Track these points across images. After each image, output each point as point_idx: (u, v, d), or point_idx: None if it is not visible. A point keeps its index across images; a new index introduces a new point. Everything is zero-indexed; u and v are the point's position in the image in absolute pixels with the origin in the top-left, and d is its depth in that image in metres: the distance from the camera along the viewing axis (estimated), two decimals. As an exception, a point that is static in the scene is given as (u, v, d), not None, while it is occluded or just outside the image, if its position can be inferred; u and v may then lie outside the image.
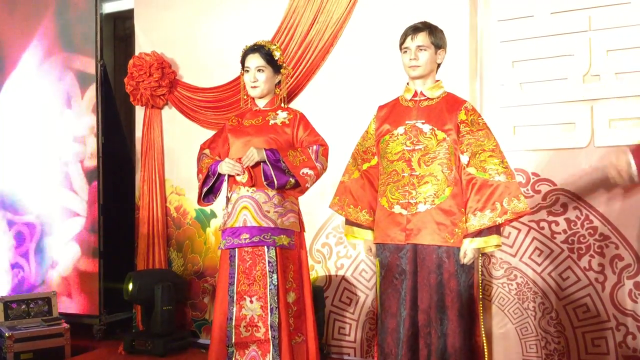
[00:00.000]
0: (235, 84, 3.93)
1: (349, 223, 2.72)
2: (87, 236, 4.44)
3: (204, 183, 2.79)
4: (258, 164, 2.66)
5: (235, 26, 4.06)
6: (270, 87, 2.81)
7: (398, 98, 2.64)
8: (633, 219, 3.10)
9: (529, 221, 3.29)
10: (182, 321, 4.18)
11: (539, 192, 3.29)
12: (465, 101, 2.53)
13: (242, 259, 2.69)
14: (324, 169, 2.75)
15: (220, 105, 4.06)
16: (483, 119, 2.52)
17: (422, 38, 2.48)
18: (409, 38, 2.50)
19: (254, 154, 2.63)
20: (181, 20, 4.27)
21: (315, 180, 2.73)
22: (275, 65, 2.79)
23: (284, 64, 2.87)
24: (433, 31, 2.50)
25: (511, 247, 3.34)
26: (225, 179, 2.78)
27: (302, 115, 2.83)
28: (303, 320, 2.76)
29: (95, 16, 4.43)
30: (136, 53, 4.32)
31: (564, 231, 3.24)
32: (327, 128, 3.14)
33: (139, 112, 4.39)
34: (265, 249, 2.66)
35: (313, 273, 3.77)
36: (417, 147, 2.47)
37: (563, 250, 3.24)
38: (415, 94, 2.56)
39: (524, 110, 3.35)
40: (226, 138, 2.85)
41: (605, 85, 3.18)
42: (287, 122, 2.78)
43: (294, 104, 3.74)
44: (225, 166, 2.70)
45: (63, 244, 4.53)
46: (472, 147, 2.44)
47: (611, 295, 3.14)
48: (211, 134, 3.12)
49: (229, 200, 2.76)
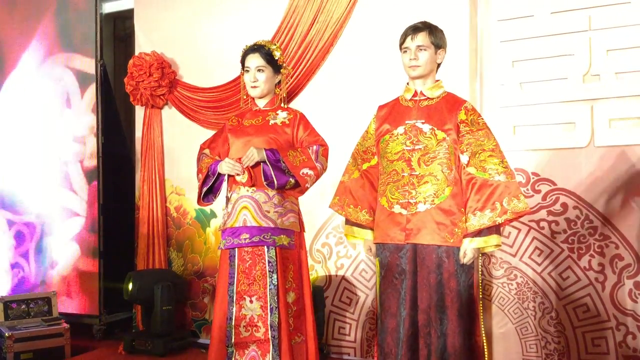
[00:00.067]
0: (235, 84, 3.93)
1: (349, 223, 2.72)
2: (87, 236, 4.43)
3: (204, 183, 2.79)
4: (258, 164, 2.66)
5: (235, 26, 4.06)
6: (270, 87, 2.81)
7: (398, 98, 2.64)
8: (633, 219, 3.11)
9: (529, 221, 3.29)
10: (182, 321, 4.18)
11: (539, 192, 3.29)
12: (465, 101, 2.53)
13: (242, 258, 2.68)
14: (324, 169, 2.74)
15: (220, 105, 4.06)
16: (483, 118, 2.52)
17: (422, 38, 2.48)
18: (408, 38, 2.50)
19: (254, 154, 2.63)
20: (181, 20, 4.27)
21: (315, 181, 2.73)
22: (275, 65, 2.79)
23: (284, 64, 2.87)
24: (433, 31, 2.50)
25: (511, 247, 3.34)
26: (225, 178, 2.78)
27: (302, 115, 2.83)
28: (303, 320, 2.76)
29: (95, 16, 4.43)
30: (136, 53, 4.32)
31: (564, 231, 3.24)
32: (327, 128, 3.14)
33: (139, 112, 4.39)
34: (265, 248, 2.66)
35: (313, 273, 3.77)
36: (417, 147, 2.47)
37: (563, 250, 3.24)
38: (415, 94, 2.56)
39: (524, 110, 3.35)
40: (226, 138, 2.85)
41: (605, 85, 3.18)
42: (287, 122, 2.78)
43: (294, 104, 3.74)
44: (225, 166, 2.70)
45: (63, 244, 4.53)
46: (472, 147, 2.44)
47: (611, 295, 3.14)
48: (211, 134, 3.11)
49: (228, 200, 2.76)
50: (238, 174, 2.69)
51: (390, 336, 2.49)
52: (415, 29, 2.50)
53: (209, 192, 2.83)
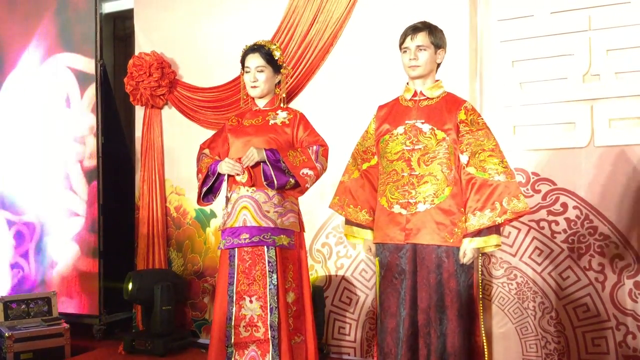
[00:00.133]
0: (235, 84, 3.93)
1: (348, 223, 2.72)
2: (87, 236, 4.43)
3: (204, 183, 2.79)
4: (258, 164, 2.66)
5: (235, 26, 4.06)
6: (270, 87, 2.81)
7: (398, 98, 2.64)
8: (633, 219, 3.11)
9: (529, 221, 3.29)
10: (182, 321, 4.18)
11: (539, 192, 3.29)
12: (464, 101, 2.53)
13: (242, 258, 2.68)
14: (323, 169, 2.74)
15: (220, 105, 4.06)
16: (483, 118, 2.52)
17: (422, 38, 2.48)
18: (408, 38, 2.50)
19: (254, 154, 2.63)
20: (181, 20, 4.27)
21: (315, 181, 2.73)
22: (275, 65, 2.79)
23: (284, 64, 2.87)
24: (433, 31, 2.50)
25: (511, 247, 3.34)
26: (224, 178, 2.77)
27: (302, 116, 2.82)
28: (302, 320, 2.75)
29: (95, 16, 4.43)
30: (136, 53, 4.32)
31: (564, 231, 3.24)
32: (327, 128, 3.14)
33: (139, 112, 4.39)
34: (265, 248, 2.66)
35: (313, 273, 3.76)
36: (417, 147, 2.47)
37: (563, 249, 3.24)
38: (415, 94, 2.56)
39: (524, 110, 3.35)
40: (226, 138, 2.85)
41: (605, 85, 3.18)
42: (287, 122, 2.78)
43: (293, 104, 3.74)
44: (225, 166, 2.70)
45: (63, 244, 4.53)
46: (472, 147, 2.44)
47: (611, 294, 3.14)
48: (211, 134, 3.11)
49: (228, 200, 2.76)
50: (238, 174, 2.69)
51: (390, 336, 2.49)
52: (415, 29, 2.49)
53: (208, 192, 2.83)
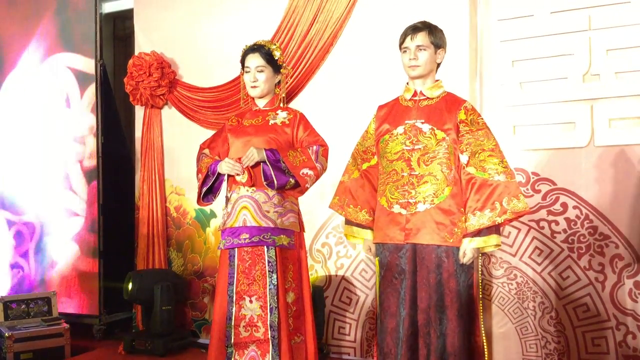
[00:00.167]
0: (235, 84, 3.93)
1: (348, 223, 2.72)
2: (87, 236, 4.43)
3: (204, 183, 2.79)
4: (258, 164, 2.66)
5: (235, 26, 4.06)
6: (270, 87, 2.81)
7: (398, 98, 2.64)
8: (633, 219, 3.11)
9: (529, 221, 3.29)
10: (182, 321, 4.18)
11: (538, 192, 3.29)
12: (464, 101, 2.53)
13: (242, 258, 2.68)
14: (323, 169, 2.74)
15: (220, 105, 4.06)
16: (483, 118, 2.52)
17: (422, 38, 2.48)
18: (408, 38, 2.50)
19: (254, 154, 2.63)
20: (181, 20, 4.27)
21: (315, 181, 2.73)
22: (275, 65, 2.79)
23: (284, 64, 2.87)
24: (432, 31, 2.50)
25: (511, 247, 3.34)
26: (224, 178, 2.77)
27: (302, 116, 2.82)
28: (302, 320, 2.75)
29: (95, 16, 4.43)
30: (136, 53, 4.32)
31: (564, 230, 3.24)
32: (327, 128, 3.14)
33: (139, 112, 4.39)
34: (265, 248, 2.66)
35: (313, 273, 3.76)
36: (417, 147, 2.47)
37: (563, 249, 3.24)
38: (414, 94, 2.56)
39: (524, 109, 3.35)
40: (226, 138, 2.85)
41: (605, 85, 3.18)
42: (287, 122, 2.78)
43: (293, 104, 3.74)
44: (225, 166, 2.70)
45: (63, 244, 4.53)
46: (472, 147, 2.44)
47: (611, 294, 3.14)
48: (211, 134, 3.11)
49: (228, 200, 2.76)
50: (238, 174, 2.69)
51: (390, 336, 2.49)
52: (414, 29, 2.49)
53: (208, 192, 2.83)
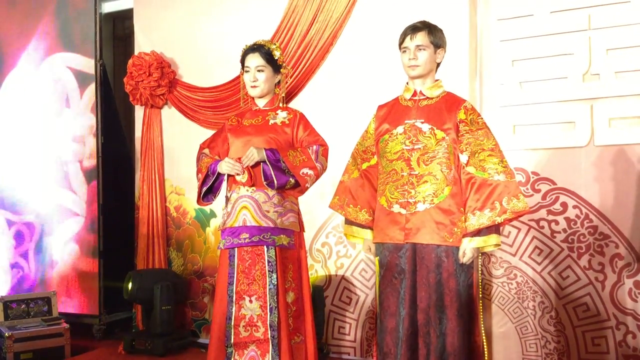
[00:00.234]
0: (234, 84, 3.93)
1: (348, 222, 2.72)
2: (87, 236, 4.43)
3: (204, 183, 2.79)
4: (258, 163, 2.66)
5: (235, 26, 4.06)
6: (270, 87, 2.81)
7: (398, 97, 2.64)
8: (633, 218, 3.10)
9: (529, 220, 3.29)
10: (182, 321, 4.18)
11: (538, 191, 3.29)
12: (464, 100, 2.53)
13: (242, 258, 2.68)
14: (323, 169, 2.74)
15: (220, 105, 4.06)
16: (482, 118, 2.52)
17: (421, 37, 2.47)
18: (408, 37, 2.49)
19: (254, 154, 2.63)
20: (181, 20, 4.27)
21: (315, 181, 2.73)
22: (275, 64, 2.79)
23: (284, 64, 2.87)
24: (432, 30, 2.50)
25: (511, 246, 3.34)
26: (224, 178, 2.77)
27: (302, 115, 2.82)
28: (302, 320, 2.75)
29: (95, 16, 4.43)
30: (135, 53, 4.32)
31: (564, 230, 3.24)
32: (327, 128, 3.14)
33: (139, 112, 4.39)
34: (265, 248, 2.66)
35: (313, 273, 3.76)
36: (417, 147, 2.47)
37: (563, 249, 3.24)
38: (414, 94, 2.56)
39: (524, 109, 3.35)
40: (226, 137, 2.85)
41: (605, 84, 3.17)
42: (287, 122, 2.78)
43: (293, 104, 3.74)
44: (225, 166, 2.69)
45: (62, 244, 4.53)
46: (472, 147, 2.44)
47: (611, 294, 3.14)
48: (211, 134, 3.11)
49: (228, 200, 2.76)
50: (238, 174, 2.69)
51: (390, 336, 2.49)
52: (414, 29, 2.49)
53: (208, 192, 2.83)
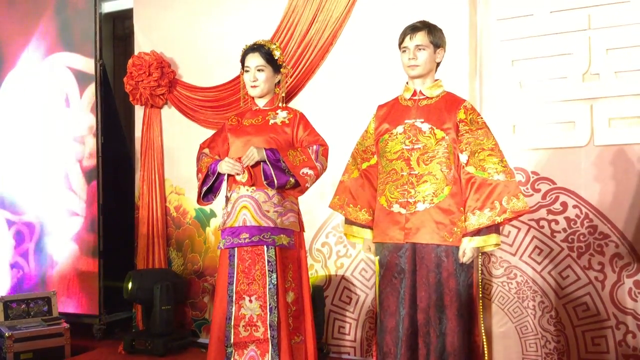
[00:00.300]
0: (234, 84, 3.93)
1: (348, 222, 2.71)
2: (87, 236, 4.43)
3: (204, 182, 2.79)
4: (258, 163, 2.66)
5: (235, 26, 4.06)
6: (270, 87, 2.81)
7: (397, 97, 2.64)
8: (633, 218, 3.11)
9: (529, 220, 3.29)
10: (182, 321, 4.18)
11: (538, 191, 3.29)
12: (464, 100, 2.53)
13: (242, 258, 2.68)
14: (323, 168, 2.74)
15: (220, 105, 4.06)
16: (482, 118, 2.52)
17: (421, 37, 2.47)
18: (407, 37, 2.49)
19: (254, 154, 2.63)
20: (181, 20, 4.27)
21: (315, 180, 2.73)
22: (275, 64, 2.79)
23: (284, 64, 2.87)
24: (432, 30, 2.49)
25: (511, 246, 3.34)
26: (224, 178, 2.77)
27: (302, 115, 2.82)
28: (302, 320, 2.75)
29: (95, 15, 4.43)
30: (135, 52, 4.32)
31: (564, 230, 3.24)
32: (327, 127, 3.14)
33: (139, 112, 4.39)
34: (265, 248, 2.66)
35: (313, 272, 3.76)
36: (416, 146, 2.47)
37: (563, 249, 3.24)
38: (414, 93, 2.56)
39: (524, 109, 3.35)
40: (226, 137, 2.85)
41: (604, 84, 3.18)
42: (287, 122, 2.78)
43: (293, 103, 3.74)
44: (225, 165, 2.70)
45: (62, 244, 4.53)
46: (471, 146, 2.44)
47: (611, 294, 3.14)
48: (211, 134, 3.11)
49: (228, 199, 2.76)
50: (238, 174, 2.69)
51: (390, 335, 2.49)
52: (414, 29, 2.49)
53: (208, 192, 2.83)
